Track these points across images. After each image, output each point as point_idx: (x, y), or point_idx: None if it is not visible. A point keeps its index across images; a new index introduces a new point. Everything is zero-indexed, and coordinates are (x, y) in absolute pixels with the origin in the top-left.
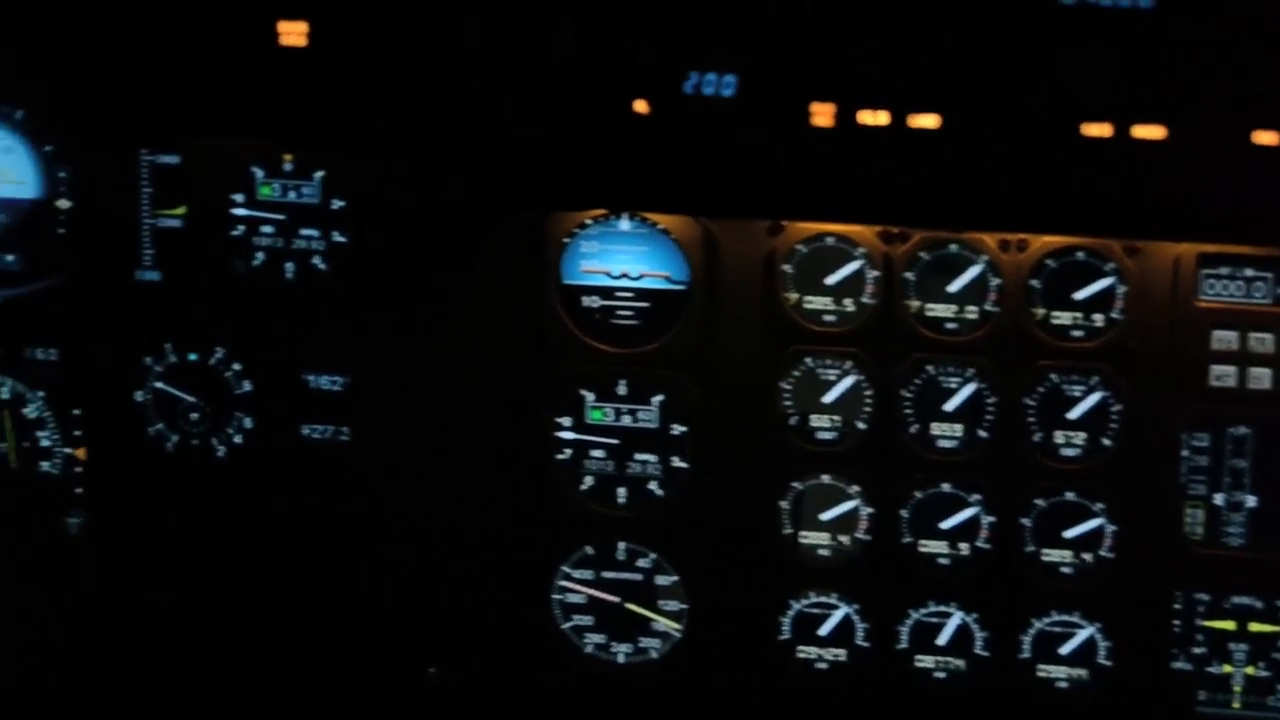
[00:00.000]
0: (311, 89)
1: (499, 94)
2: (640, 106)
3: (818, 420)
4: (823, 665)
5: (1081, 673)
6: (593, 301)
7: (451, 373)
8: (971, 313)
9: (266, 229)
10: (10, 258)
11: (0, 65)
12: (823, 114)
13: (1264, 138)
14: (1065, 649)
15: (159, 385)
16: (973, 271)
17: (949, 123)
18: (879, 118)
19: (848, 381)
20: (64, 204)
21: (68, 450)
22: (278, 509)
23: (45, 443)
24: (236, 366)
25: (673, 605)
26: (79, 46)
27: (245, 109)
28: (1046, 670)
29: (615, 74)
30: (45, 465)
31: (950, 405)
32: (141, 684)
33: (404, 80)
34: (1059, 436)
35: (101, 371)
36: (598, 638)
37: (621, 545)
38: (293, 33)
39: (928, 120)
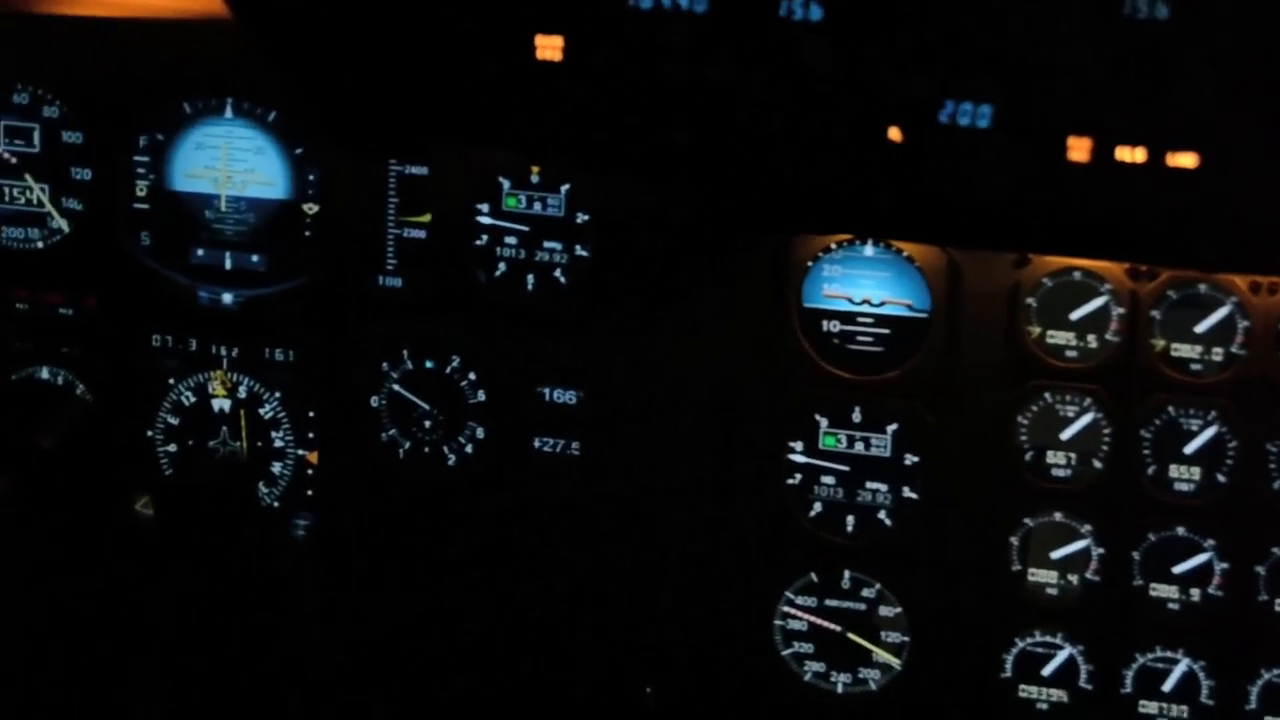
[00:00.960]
0: (566, 104)
1: (755, 117)
2: (894, 134)
3: (1053, 457)
4: (1043, 705)
5: None
6: (833, 326)
7: (685, 392)
8: (1217, 354)
9: (510, 240)
10: (255, 258)
11: (255, 66)
12: (1079, 148)
13: None
14: None
15: (395, 390)
16: (1221, 312)
17: (1207, 162)
18: (1136, 154)
19: (1086, 419)
20: (311, 207)
21: (300, 452)
22: (504, 520)
23: (279, 444)
24: (472, 376)
25: (894, 637)
26: (335, 54)
27: (498, 122)
28: None
29: (871, 101)
30: (277, 466)
31: (1190, 448)
32: (353, 688)
33: (659, 101)
34: None
35: (338, 375)
36: (817, 666)
37: (846, 574)
38: (549, 47)
39: (1186, 159)
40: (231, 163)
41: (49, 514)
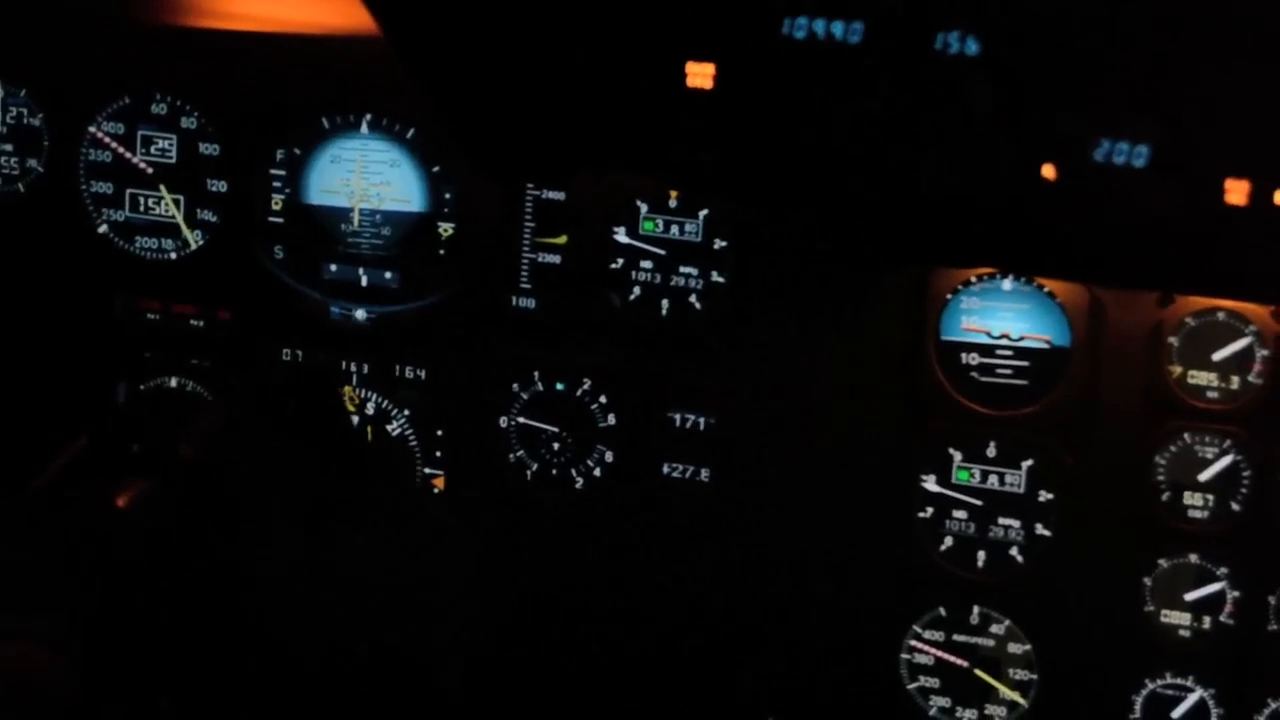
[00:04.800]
0: (715, 133)
1: (906, 151)
2: (1048, 172)
3: (1191, 498)
4: None
5: None
6: (971, 359)
7: (819, 421)
8: None
9: (645, 263)
10: (389, 275)
11: (396, 83)
12: (1237, 191)
13: None
14: None
15: (522, 413)
16: None
17: None
18: None
19: (1226, 460)
20: (446, 225)
21: (426, 471)
22: (631, 545)
23: None
24: (603, 399)
25: (1022, 675)
26: (482, 77)
27: (645, 149)
28: None
29: (1025, 138)
30: None
31: None
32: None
33: (809, 132)
34: None
35: (468, 394)
36: (943, 701)
37: (975, 609)
38: (701, 74)
39: None
40: (366, 176)
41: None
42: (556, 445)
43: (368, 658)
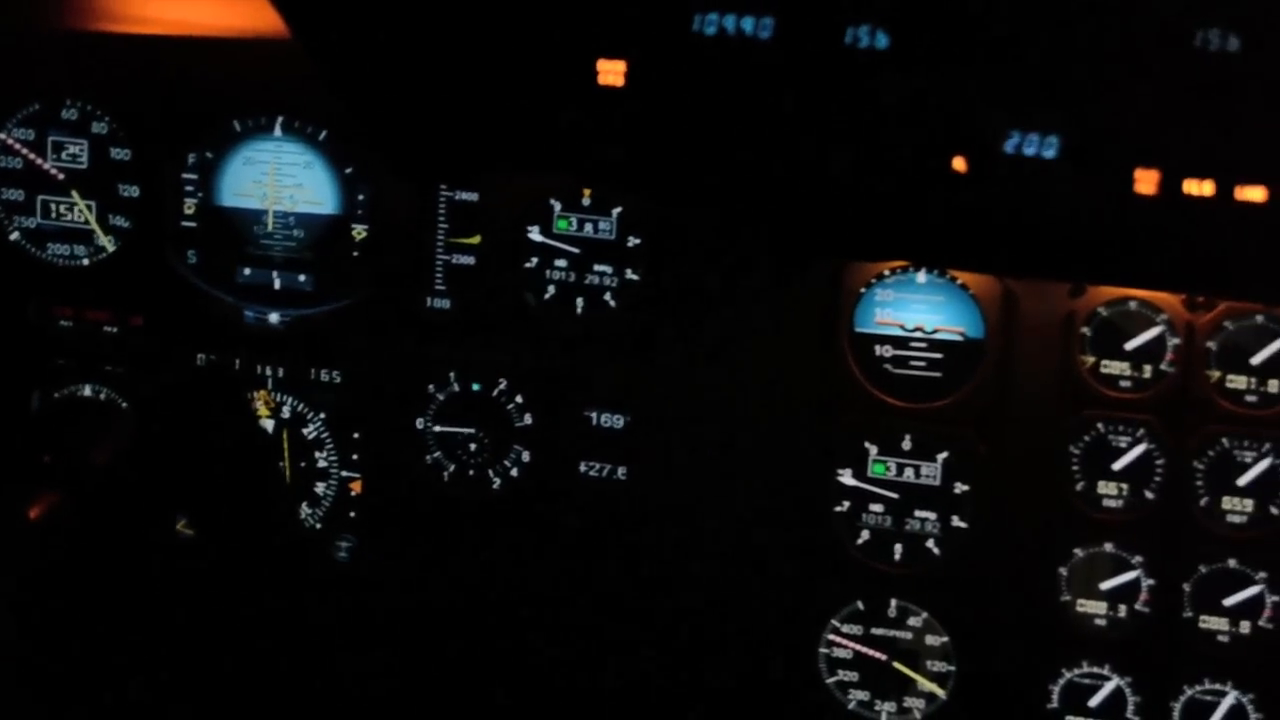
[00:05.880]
0: (627, 130)
1: (817, 145)
2: (959, 164)
3: (1105, 487)
4: None
5: None
6: (885, 351)
7: (734, 417)
8: (1274, 386)
9: (560, 262)
10: (303, 277)
11: (307, 85)
12: (1146, 181)
13: None
14: None
15: (440, 413)
16: (1277, 345)
17: (1276, 197)
18: (1204, 188)
19: (1139, 449)
20: (360, 227)
21: (344, 473)
22: (549, 544)
23: (322, 464)
24: (519, 399)
25: (940, 667)
26: (393, 78)
27: (557, 148)
28: None
29: (935, 131)
30: (320, 487)
31: (1244, 480)
32: (389, 710)
33: (721, 127)
34: None
35: (384, 396)
36: (862, 694)
37: (893, 602)
38: (612, 72)
39: (1255, 193)
40: (280, 178)
41: (94, 532)
42: (473, 446)
43: None
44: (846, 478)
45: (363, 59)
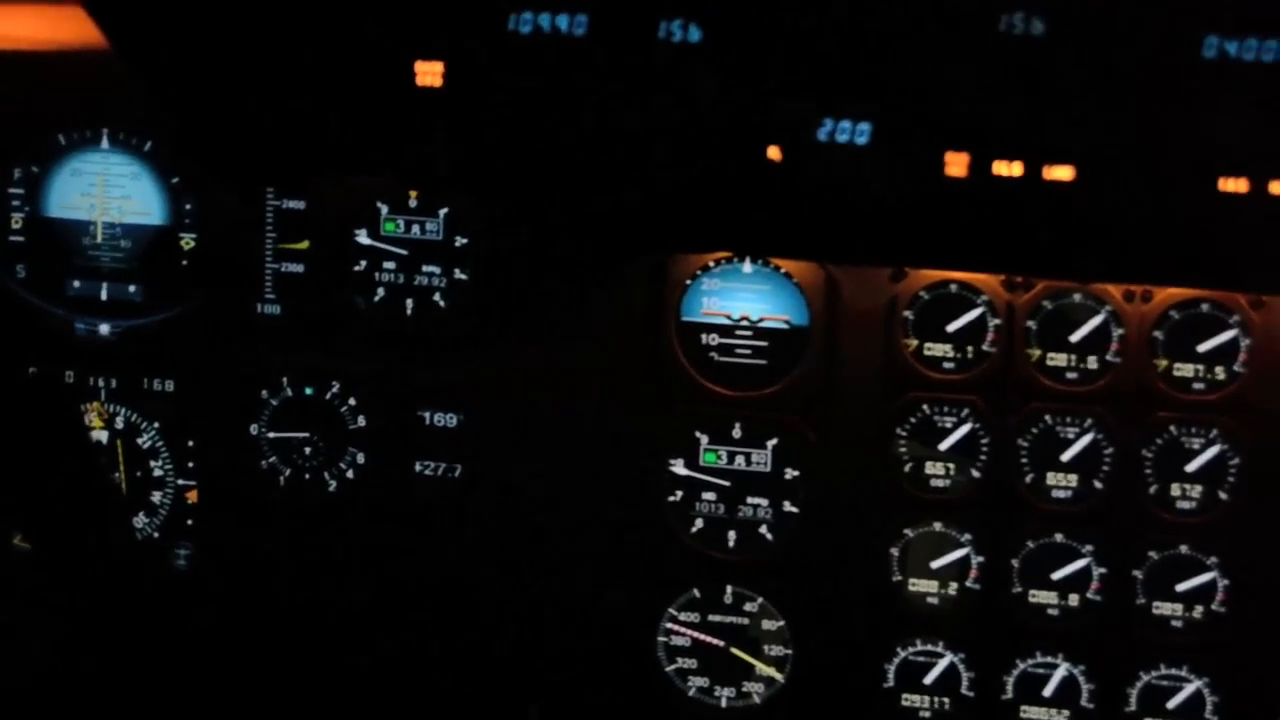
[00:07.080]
0: (447, 131)
1: (634, 139)
2: (773, 154)
3: (932, 468)
4: (926, 714)
5: None
6: (711, 340)
7: (566, 412)
8: (1092, 363)
9: (389, 264)
10: (132, 288)
11: (130, 94)
12: (956, 163)
13: None
14: (1172, 703)
15: (273, 418)
16: (1095, 321)
17: (1083, 175)
18: (1013, 169)
19: (964, 429)
20: (188, 236)
21: (180, 482)
22: (387, 544)
23: (158, 473)
24: (352, 401)
25: (777, 650)
26: (210, 84)
27: (379, 151)
28: None
29: (749, 121)
30: (157, 496)
31: (1067, 455)
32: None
33: (539, 124)
34: (1175, 489)
35: (217, 404)
36: (701, 681)
37: (729, 589)
38: (429, 73)
39: (1062, 173)
40: (108, 190)
41: None
42: (308, 450)
43: None
44: (679, 467)
45: (181, 68)
